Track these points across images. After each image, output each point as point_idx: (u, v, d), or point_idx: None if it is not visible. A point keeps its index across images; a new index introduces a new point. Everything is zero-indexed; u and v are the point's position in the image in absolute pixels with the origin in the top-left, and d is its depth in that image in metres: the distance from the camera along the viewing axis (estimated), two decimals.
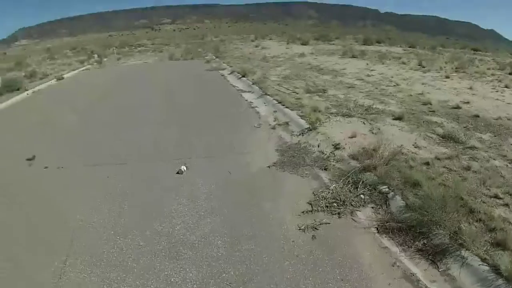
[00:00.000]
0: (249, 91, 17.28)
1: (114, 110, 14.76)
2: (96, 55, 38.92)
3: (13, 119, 14.62)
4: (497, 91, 17.18)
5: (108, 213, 6.79)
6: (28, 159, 9.45)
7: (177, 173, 8.40)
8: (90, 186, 7.91)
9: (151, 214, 6.73)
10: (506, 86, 18.67)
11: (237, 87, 18.60)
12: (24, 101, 18.31)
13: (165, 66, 29.29)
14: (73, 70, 28.77)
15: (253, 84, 18.26)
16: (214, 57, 32.48)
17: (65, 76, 24.98)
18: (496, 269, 4.87)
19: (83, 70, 29.42)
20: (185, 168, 8.49)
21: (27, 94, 19.70)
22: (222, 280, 5.07)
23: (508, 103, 14.54)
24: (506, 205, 6.53)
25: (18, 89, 20.00)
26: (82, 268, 5.31)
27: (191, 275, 5.18)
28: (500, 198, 6.72)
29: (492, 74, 22.86)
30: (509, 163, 8.44)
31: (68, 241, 5.93)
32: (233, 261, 5.46)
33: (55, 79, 23.44)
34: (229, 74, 22.75)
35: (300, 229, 6.19)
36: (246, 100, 15.46)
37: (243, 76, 20.57)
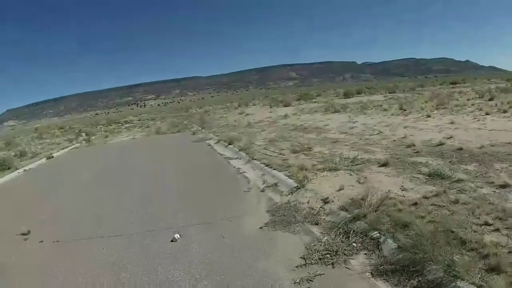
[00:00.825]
0: (236, 158, 17.44)
1: (105, 185, 14.85)
2: (84, 134, 39.36)
3: (5, 197, 14.74)
4: (478, 120, 17.55)
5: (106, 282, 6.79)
6: (23, 234, 9.46)
7: (171, 241, 8.41)
8: (86, 258, 7.93)
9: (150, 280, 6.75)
10: (487, 113, 19.09)
11: (224, 155, 18.79)
12: (16, 179, 18.61)
13: (152, 140, 29.70)
14: (62, 148, 29.18)
15: (239, 150, 18.44)
16: (200, 128, 32.92)
17: (54, 155, 25.37)
18: None
19: (72, 148, 29.75)
20: (178, 236, 8.50)
21: (18, 172, 20.02)
22: None
23: (490, 130, 14.84)
24: (497, 229, 6.59)
25: (9, 168, 20.37)
26: None
27: None
28: (490, 225, 6.77)
29: (472, 104, 23.36)
30: (496, 188, 8.56)
31: None
32: None
33: (45, 158, 23.80)
34: (216, 143, 23.01)
35: (295, 283, 6.16)
36: (234, 167, 15.55)
37: (230, 144, 20.80)
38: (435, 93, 32.80)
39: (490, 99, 24.16)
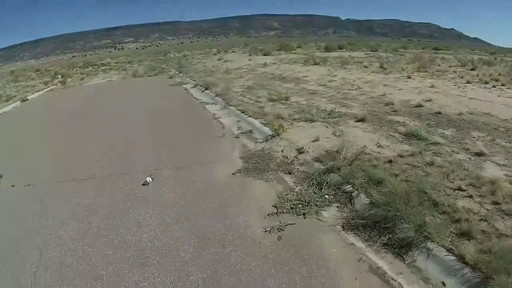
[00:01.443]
0: (212, 103, 17.15)
1: (78, 128, 14.47)
2: (59, 76, 38.51)
3: None
4: (458, 88, 17.46)
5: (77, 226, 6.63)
6: None
7: (143, 184, 8.23)
8: (57, 202, 7.71)
9: (119, 224, 6.60)
10: (468, 82, 19.00)
11: (200, 99, 18.43)
12: None
13: (129, 83, 29.08)
14: (37, 91, 28.38)
15: (216, 96, 18.14)
16: (178, 72, 32.31)
17: (29, 97, 24.66)
18: (462, 259, 4.87)
19: (47, 91, 28.99)
20: (150, 180, 8.34)
21: None
22: (190, 283, 4.98)
23: (470, 98, 14.79)
24: (470, 196, 6.56)
25: None
26: (51, 279, 5.17)
27: (159, 279, 5.09)
28: (463, 190, 6.75)
29: (454, 71, 23.26)
30: (472, 155, 8.51)
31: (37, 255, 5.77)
32: (201, 264, 5.38)
33: (20, 101, 23.12)
34: (192, 88, 22.57)
35: (266, 231, 6.12)
36: (210, 112, 15.31)
37: (206, 89, 20.40)
38: (417, 56, 32.60)
39: (472, 69, 24.10)
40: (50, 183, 8.81)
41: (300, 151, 9.29)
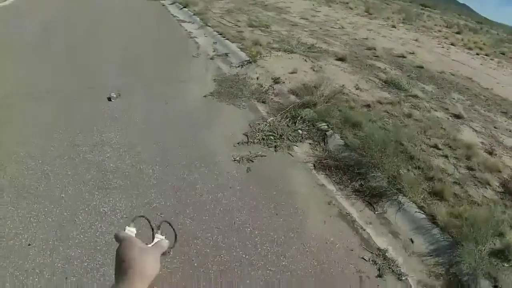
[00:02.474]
0: (189, 22, 16.42)
1: (49, 37, 13.43)
2: None
3: None
4: (443, 47, 17.33)
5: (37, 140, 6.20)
6: None
7: (109, 100, 7.73)
8: (20, 117, 7.16)
9: (84, 141, 6.20)
10: (452, 44, 18.88)
11: (177, 17, 17.61)
12: None
13: None
14: None
15: (194, 15, 17.39)
16: None
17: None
18: (432, 219, 4.76)
19: None
20: (115, 95, 7.82)
21: None
22: (153, 210, 4.72)
23: (453, 60, 14.68)
24: (446, 156, 6.46)
25: None
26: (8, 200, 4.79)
27: (121, 204, 4.77)
28: (439, 149, 6.64)
29: (439, 31, 23.12)
30: (451, 116, 8.39)
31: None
32: (165, 191, 5.09)
33: None
34: (170, 4, 21.67)
35: (235, 160, 5.86)
36: (186, 30, 14.64)
37: (185, 7, 19.57)
38: (404, 7, 32.27)
39: (457, 33, 23.95)
40: (11, 96, 8.10)
41: (276, 81, 8.89)
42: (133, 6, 20.32)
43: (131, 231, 1.25)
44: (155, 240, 1.29)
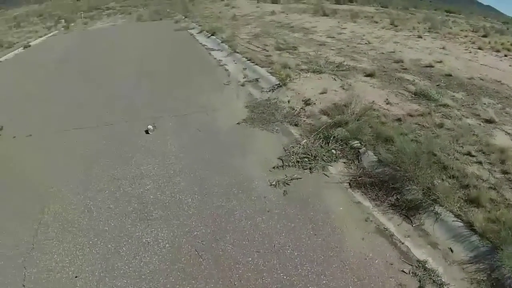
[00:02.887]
0: (218, 49, 16.78)
1: (80, 74, 14.10)
2: (63, 21, 37.86)
3: None
4: (470, 52, 17.17)
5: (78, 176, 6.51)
6: None
7: (146, 132, 8.05)
8: (59, 152, 7.56)
9: (122, 174, 6.49)
10: (479, 48, 18.68)
11: (206, 45, 18.00)
12: None
13: (133, 27, 28.45)
14: (40, 37, 27.81)
15: (222, 42, 17.72)
16: (183, 17, 31.72)
17: (32, 43, 24.08)
18: (470, 226, 4.80)
19: (50, 36, 28.39)
20: (152, 127, 8.17)
21: None
22: (194, 238, 4.92)
23: (481, 64, 14.54)
24: (479, 162, 6.44)
25: None
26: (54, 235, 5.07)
27: (163, 234, 5.00)
28: (473, 156, 6.63)
29: (466, 36, 22.89)
30: (482, 122, 8.34)
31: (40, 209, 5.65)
32: (204, 219, 5.30)
33: (22, 48, 22.58)
34: (198, 33, 22.09)
35: (271, 184, 6.02)
36: (215, 58, 14.99)
37: (212, 35, 19.96)
38: (428, 16, 32.16)
39: (484, 36, 23.75)
40: (51, 133, 8.57)
41: (307, 102, 9.08)
42: (162, 37, 20.93)
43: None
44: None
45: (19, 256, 4.73)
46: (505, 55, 17.44)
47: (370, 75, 11.30)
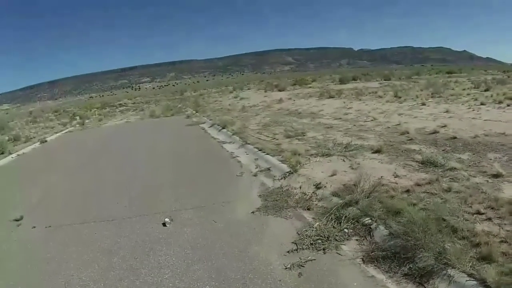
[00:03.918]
0: (230, 142, 17.33)
1: (97, 169, 14.66)
2: (78, 117, 38.98)
3: None
4: (473, 110, 17.55)
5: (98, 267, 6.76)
6: (16, 220, 9.35)
7: (163, 225, 8.36)
8: (78, 244, 7.85)
9: (142, 265, 6.72)
10: (482, 103, 19.10)
11: (218, 139, 18.63)
12: (9, 164, 18.49)
13: (146, 124, 29.38)
14: (56, 132, 28.77)
15: (233, 135, 18.32)
16: (194, 112, 32.63)
17: (48, 139, 25.03)
18: (483, 282, 4.88)
19: (65, 132, 29.30)
20: (169, 220, 8.45)
21: (12, 157, 19.78)
22: None
23: (485, 120, 14.85)
24: (489, 219, 6.56)
25: (2, 153, 20.20)
26: None
27: None
28: (482, 214, 6.75)
29: (468, 94, 23.38)
30: (489, 178, 8.53)
31: None
32: None
33: (39, 142, 23.46)
34: (209, 127, 22.83)
35: (286, 268, 6.16)
36: (227, 151, 15.47)
37: (223, 128, 20.62)
38: (430, 81, 32.71)
39: (486, 90, 24.19)
40: (70, 225, 8.96)
41: (318, 186, 9.36)
42: (175, 133, 21.66)
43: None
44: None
45: None
46: (508, 105, 17.89)
47: (378, 151, 11.67)
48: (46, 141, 24.13)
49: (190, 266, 6.55)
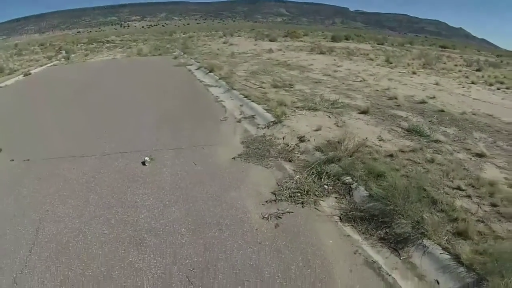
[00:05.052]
0: (216, 86, 17.07)
1: (80, 105, 14.35)
2: (63, 51, 38.18)
3: None
4: (463, 87, 17.48)
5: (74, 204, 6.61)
6: None
7: (143, 164, 8.21)
8: (55, 179, 7.67)
9: (118, 203, 6.61)
10: (473, 82, 19.01)
11: (204, 82, 18.31)
12: None
13: (132, 62, 28.78)
14: (41, 66, 28.09)
15: (219, 79, 18.01)
16: (182, 53, 32.06)
17: (32, 72, 24.38)
18: (457, 258, 4.87)
19: (50, 66, 28.64)
20: (148, 159, 8.32)
21: None
22: (186, 266, 4.99)
23: (474, 99, 14.80)
24: (469, 196, 6.56)
25: None
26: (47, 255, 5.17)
27: (155, 261, 5.09)
28: (462, 190, 6.74)
29: (459, 71, 23.26)
30: (473, 156, 8.51)
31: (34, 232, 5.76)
32: (197, 248, 5.38)
33: (23, 75, 22.86)
34: (196, 69, 22.42)
35: (263, 217, 6.12)
36: (213, 95, 15.24)
37: (210, 72, 20.25)
38: (423, 52, 32.56)
39: (478, 70, 24.15)
40: (49, 159, 8.75)
41: (301, 139, 9.26)
42: (161, 72, 21.47)
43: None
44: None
45: (11, 272, 4.86)
46: (498, 89, 17.80)
47: (364, 112, 11.56)
48: (30, 73, 23.45)
49: (167, 207, 6.46)
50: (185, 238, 5.62)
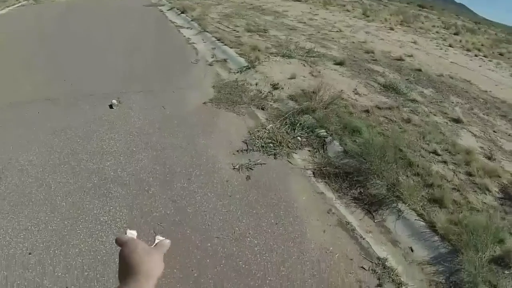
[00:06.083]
0: (187, 27, 16.39)
1: (47, 44, 13.54)
2: None
3: None
4: (441, 49, 17.37)
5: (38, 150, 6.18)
6: None
7: (110, 107, 7.73)
8: (19, 123, 7.15)
9: (83, 149, 6.20)
10: (450, 45, 18.89)
11: (176, 23, 17.57)
12: None
13: (101, 1, 27.79)
14: (8, 6, 26.96)
15: (192, 20, 17.34)
16: None
17: None
18: (432, 226, 4.75)
19: (18, 6, 27.47)
20: (116, 102, 7.84)
21: None
22: (153, 220, 4.70)
23: (451, 62, 14.68)
24: (445, 162, 6.45)
25: None
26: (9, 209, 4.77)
27: (121, 214, 4.77)
28: (439, 155, 6.63)
29: (437, 32, 23.15)
30: (449, 121, 8.38)
31: None
32: (165, 200, 5.08)
33: None
34: (168, 10, 21.64)
35: (234, 168, 5.85)
36: (184, 36, 14.61)
37: (182, 13, 19.54)
38: (401, 9, 32.28)
39: (455, 34, 24.01)
40: (12, 102, 8.08)
41: (275, 86, 8.89)
42: (131, 13, 20.50)
43: (132, 233, 1.27)
44: (156, 240, 1.34)
45: None
46: (475, 55, 17.74)
47: (340, 63, 11.22)
48: None
49: (134, 154, 6.12)
50: (152, 189, 5.29)
